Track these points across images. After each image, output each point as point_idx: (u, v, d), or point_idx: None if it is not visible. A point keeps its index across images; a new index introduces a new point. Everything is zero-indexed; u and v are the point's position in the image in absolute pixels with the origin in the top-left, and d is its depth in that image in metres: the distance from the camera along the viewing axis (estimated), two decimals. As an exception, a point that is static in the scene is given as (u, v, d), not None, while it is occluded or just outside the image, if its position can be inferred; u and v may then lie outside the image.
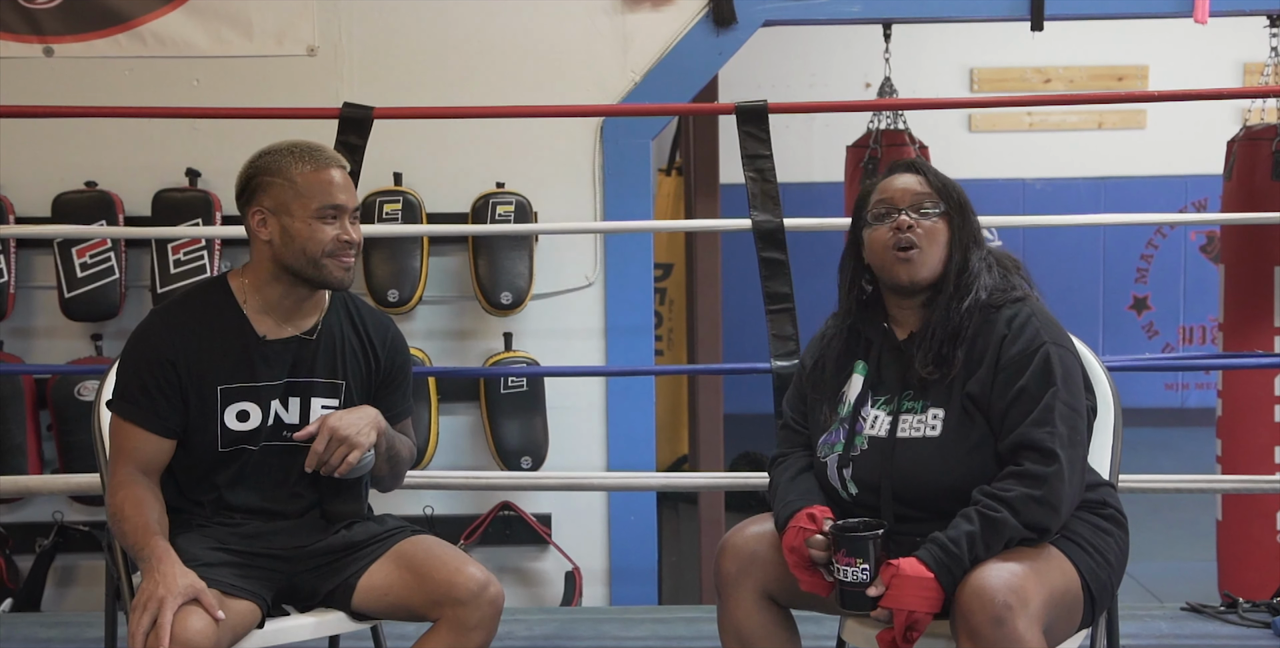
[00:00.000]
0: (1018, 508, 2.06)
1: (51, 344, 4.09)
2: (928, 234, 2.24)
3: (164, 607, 2.04)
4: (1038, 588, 2.02)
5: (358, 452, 2.26)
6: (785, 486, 2.30)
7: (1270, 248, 4.13)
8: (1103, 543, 2.18)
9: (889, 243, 2.25)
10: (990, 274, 2.28)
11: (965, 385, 2.19)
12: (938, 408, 2.20)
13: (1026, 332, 2.19)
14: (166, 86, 4.03)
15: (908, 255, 2.23)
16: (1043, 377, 2.15)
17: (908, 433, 2.21)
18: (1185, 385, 8.52)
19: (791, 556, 2.16)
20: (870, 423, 2.26)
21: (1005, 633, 1.95)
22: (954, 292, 2.24)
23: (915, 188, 2.29)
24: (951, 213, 2.27)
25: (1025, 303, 2.25)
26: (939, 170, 2.34)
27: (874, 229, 2.28)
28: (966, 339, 2.21)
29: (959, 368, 2.20)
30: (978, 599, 1.98)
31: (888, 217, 2.27)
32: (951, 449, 2.17)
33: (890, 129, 4.91)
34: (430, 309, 4.13)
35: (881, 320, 2.33)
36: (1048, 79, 8.30)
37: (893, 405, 2.24)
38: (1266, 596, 3.51)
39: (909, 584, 2.02)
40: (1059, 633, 2.10)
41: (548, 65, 4.09)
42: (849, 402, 2.30)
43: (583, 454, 4.15)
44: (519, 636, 3.38)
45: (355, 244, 2.33)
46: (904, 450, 2.20)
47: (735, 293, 5.64)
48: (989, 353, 2.19)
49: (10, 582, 4.02)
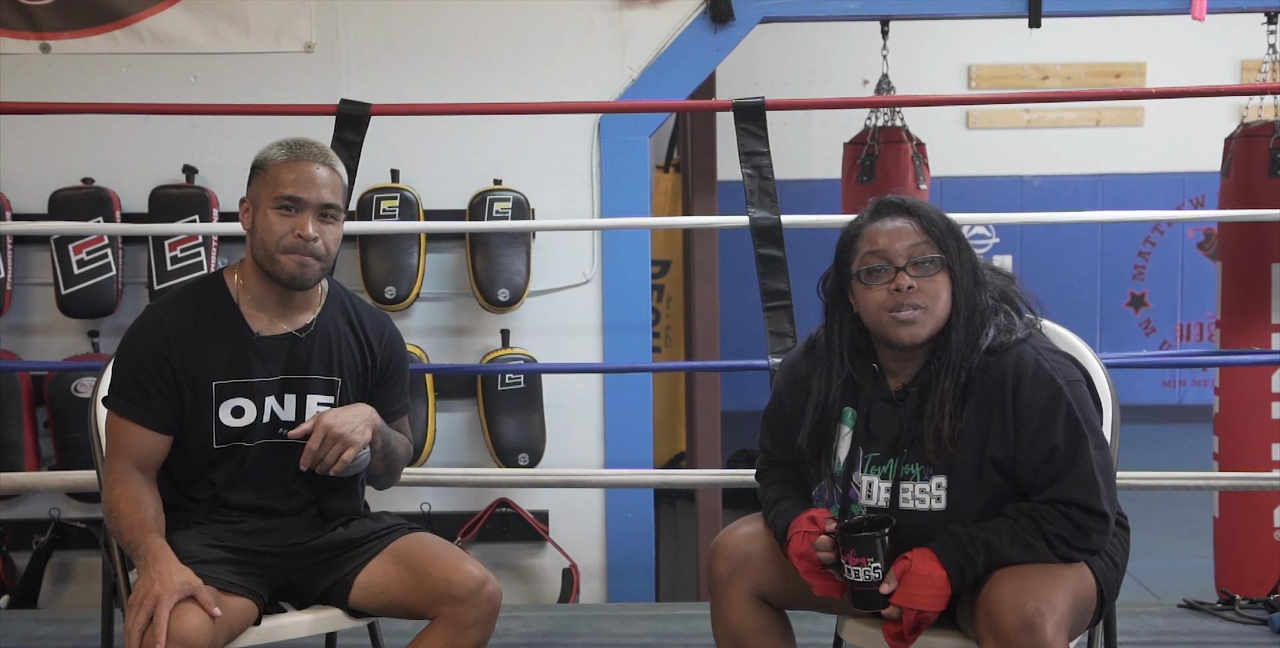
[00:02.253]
0: (1055, 545, 2.04)
1: (48, 341, 4.09)
2: (929, 294, 2.09)
3: (160, 604, 2.04)
4: (1064, 593, 2.01)
5: (352, 450, 2.25)
6: (776, 497, 2.26)
7: (1268, 245, 4.13)
8: (1111, 546, 2.17)
9: (886, 306, 2.10)
10: (996, 317, 2.14)
11: (983, 449, 2.08)
12: (939, 476, 2.11)
13: (1040, 379, 2.08)
14: (164, 83, 4.03)
15: (910, 317, 2.09)
16: (1072, 428, 2.07)
17: (911, 505, 2.12)
18: (1183, 382, 8.53)
19: (801, 562, 2.12)
20: (866, 491, 2.16)
21: (1036, 639, 1.94)
22: (964, 344, 2.10)
23: (910, 237, 2.11)
24: (951, 261, 2.11)
25: (1027, 343, 2.13)
26: (930, 207, 2.18)
27: (868, 289, 2.12)
28: (973, 396, 2.10)
29: (965, 430, 2.09)
30: (1008, 604, 1.96)
31: (882, 274, 2.11)
32: (959, 522, 2.09)
33: (888, 126, 4.90)
34: (427, 306, 4.13)
35: (871, 362, 2.20)
36: (1045, 76, 8.30)
37: (887, 469, 2.15)
38: (1263, 592, 3.52)
39: (921, 583, 2.01)
40: (1073, 636, 2.10)
41: (545, 62, 4.08)
42: (839, 458, 2.20)
43: (580, 451, 4.15)
44: (516, 633, 3.38)
45: (310, 241, 2.25)
46: (907, 523, 2.11)
47: (733, 290, 5.63)
48: (1002, 410, 2.08)
49: (7, 579, 4.02)
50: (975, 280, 2.15)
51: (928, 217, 2.14)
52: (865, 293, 2.14)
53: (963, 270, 2.12)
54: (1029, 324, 2.19)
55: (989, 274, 2.20)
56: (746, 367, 3.42)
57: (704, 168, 5.14)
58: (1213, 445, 4.33)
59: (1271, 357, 3.93)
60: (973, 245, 2.20)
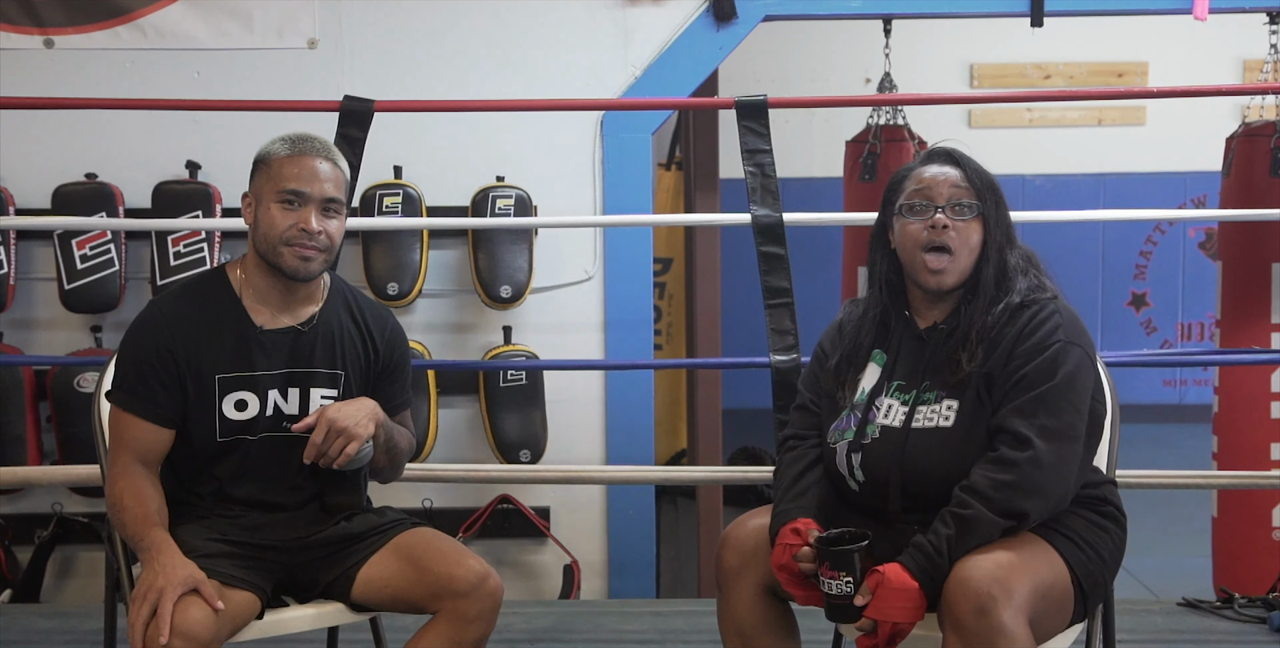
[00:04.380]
0: (989, 495, 2.06)
1: (51, 336, 4.09)
2: (961, 236, 2.22)
3: (164, 597, 2.05)
4: (1023, 579, 2.01)
5: (356, 443, 2.26)
6: (788, 485, 2.29)
7: (1268, 244, 4.14)
8: (1096, 538, 2.18)
9: (921, 241, 2.23)
10: (1026, 277, 2.26)
11: (983, 370, 2.18)
12: (952, 399, 2.19)
13: (1045, 327, 2.18)
14: (167, 79, 4.03)
15: (939, 264, 2.21)
16: (1046, 370, 2.14)
17: (921, 423, 2.20)
18: (1183, 382, 8.54)
19: (782, 573, 2.16)
20: (884, 412, 2.25)
21: (989, 623, 1.95)
22: (993, 295, 2.22)
23: (955, 182, 2.25)
24: (987, 213, 2.24)
25: (1054, 302, 2.24)
26: (977, 163, 2.31)
27: (906, 222, 2.25)
28: (997, 338, 2.19)
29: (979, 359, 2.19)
30: (961, 590, 1.98)
31: (923, 211, 2.24)
32: (963, 439, 2.17)
33: (890, 125, 4.90)
34: (430, 302, 4.14)
35: (904, 308, 2.32)
36: (1048, 75, 8.30)
37: (909, 396, 2.24)
38: (1262, 591, 3.53)
39: (894, 596, 2.02)
40: (1049, 627, 2.10)
41: (548, 59, 4.09)
42: (864, 390, 2.29)
43: (581, 448, 4.16)
44: (518, 628, 3.39)
45: (314, 234, 2.28)
46: (916, 440, 2.19)
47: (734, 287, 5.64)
48: (1005, 343, 2.19)
49: (9, 573, 4.03)
50: (1008, 237, 2.28)
51: (973, 168, 2.29)
52: (904, 227, 2.26)
53: (997, 224, 2.25)
54: (1057, 290, 2.30)
55: (1026, 254, 2.32)
56: (748, 364, 3.42)
57: (706, 165, 5.14)
58: (1212, 445, 4.34)
59: (1271, 356, 3.93)
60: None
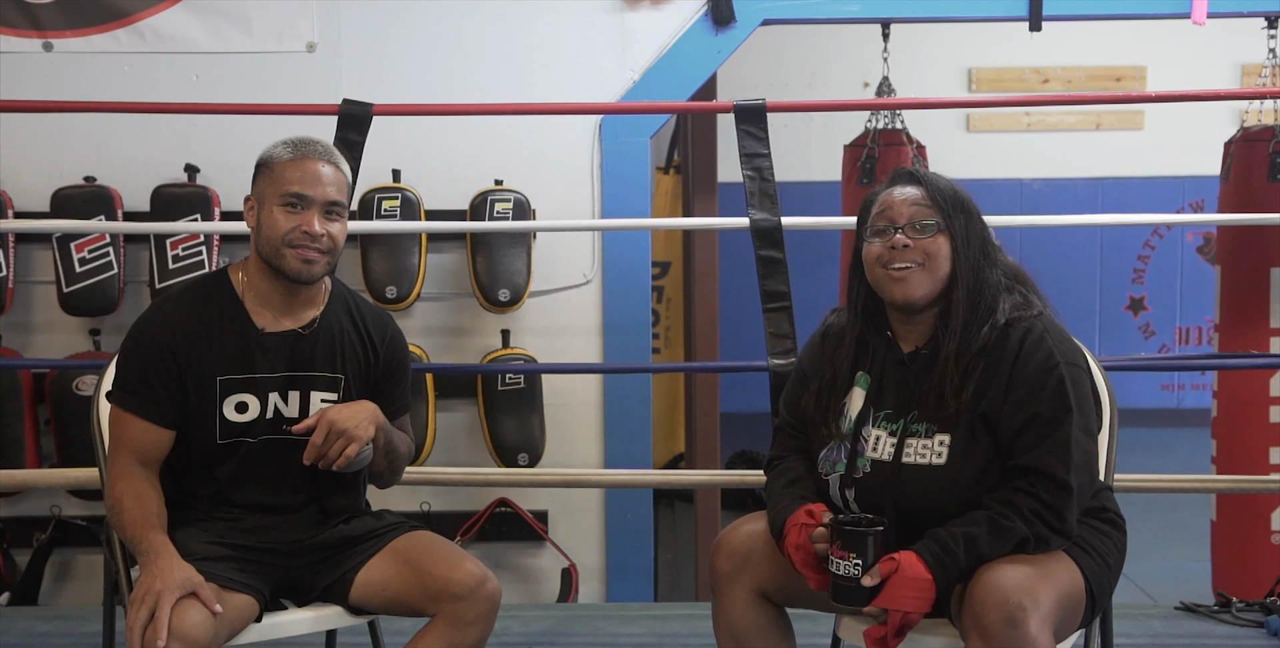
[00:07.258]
0: (1029, 519, 2.07)
1: (50, 339, 4.09)
2: (924, 253, 2.20)
3: (162, 600, 2.05)
4: (1049, 590, 2.02)
5: (355, 445, 2.26)
6: (780, 491, 2.29)
7: (1267, 249, 4.14)
8: (1102, 545, 2.19)
9: (881, 260, 2.23)
10: (1011, 294, 2.24)
11: (977, 406, 2.15)
12: (944, 433, 2.18)
13: (1040, 350, 2.16)
14: (166, 82, 4.03)
15: (901, 274, 2.20)
16: (1058, 402, 2.12)
17: (913, 459, 2.19)
18: (1181, 386, 8.54)
19: (798, 553, 2.15)
20: (873, 444, 2.23)
21: (1019, 635, 1.95)
22: (970, 314, 2.20)
23: (915, 200, 2.23)
24: (953, 229, 2.22)
25: (1039, 319, 2.22)
26: (942, 180, 2.28)
27: (869, 244, 2.26)
28: (983, 362, 2.17)
29: (972, 393, 2.16)
30: (991, 599, 1.98)
31: (884, 233, 2.23)
32: (958, 476, 2.16)
33: (888, 129, 4.90)
34: (428, 306, 4.14)
35: (885, 330, 2.30)
36: (1046, 79, 8.30)
37: (896, 426, 2.22)
38: (1260, 595, 3.53)
39: (907, 585, 2.02)
40: (1061, 634, 2.10)
41: (547, 63, 4.09)
42: (850, 417, 2.28)
43: (579, 451, 4.15)
44: (515, 632, 3.39)
45: (318, 237, 2.29)
46: (909, 477, 2.18)
47: (733, 291, 5.63)
48: (1000, 372, 2.16)
49: (8, 576, 4.03)
50: (983, 253, 2.25)
51: (934, 186, 2.26)
52: (867, 249, 2.26)
53: (967, 240, 2.23)
54: (1044, 305, 2.28)
55: (1013, 272, 2.30)
56: (746, 368, 3.42)
57: (704, 169, 5.15)
58: (1211, 449, 4.34)
59: (1270, 360, 3.93)
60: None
